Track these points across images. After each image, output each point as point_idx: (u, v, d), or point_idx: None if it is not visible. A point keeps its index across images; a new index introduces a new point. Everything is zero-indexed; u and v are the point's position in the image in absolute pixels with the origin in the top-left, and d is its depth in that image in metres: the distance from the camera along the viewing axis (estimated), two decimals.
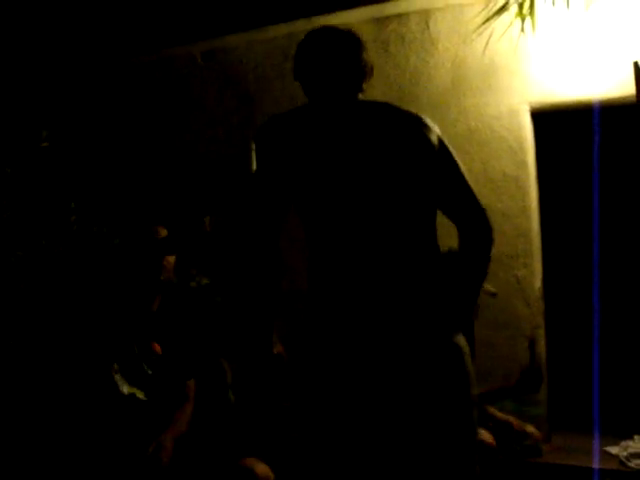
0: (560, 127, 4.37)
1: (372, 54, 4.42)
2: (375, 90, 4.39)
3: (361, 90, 2.14)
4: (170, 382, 2.47)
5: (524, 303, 4.02)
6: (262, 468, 2.59)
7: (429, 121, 2.11)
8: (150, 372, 2.40)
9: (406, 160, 1.96)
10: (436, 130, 2.09)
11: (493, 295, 3.89)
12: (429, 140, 2.02)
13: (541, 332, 4.03)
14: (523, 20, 3.64)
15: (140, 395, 2.30)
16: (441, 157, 2.05)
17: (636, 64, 3.52)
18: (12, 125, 4.18)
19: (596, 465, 3.36)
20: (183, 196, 4.73)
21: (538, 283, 4.07)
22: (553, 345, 4.15)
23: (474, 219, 2.09)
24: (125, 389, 2.26)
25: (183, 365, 2.51)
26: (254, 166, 4.70)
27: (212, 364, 4.30)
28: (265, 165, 2.03)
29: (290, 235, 2.27)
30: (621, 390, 4.19)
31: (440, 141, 2.07)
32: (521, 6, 3.63)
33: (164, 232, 2.57)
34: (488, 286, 3.96)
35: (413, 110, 2.13)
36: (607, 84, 3.93)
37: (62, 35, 4.93)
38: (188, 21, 4.78)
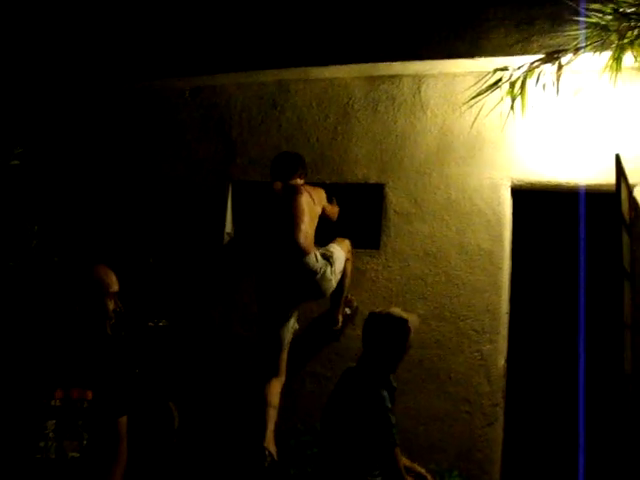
0: (539, 207, 4.39)
1: (361, 112, 4.51)
2: (361, 149, 4.42)
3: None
4: (102, 426, 2.33)
5: (486, 380, 3.96)
6: None
7: None
8: (80, 422, 2.27)
9: None
10: None
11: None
12: None
13: (500, 410, 3.96)
14: (513, 99, 3.67)
15: (73, 454, 2.17)
16: None
17: (618, 157, 3.57)
18: None
19: None
20: (140, 233, 4.61)
21: (502, 360, 4.02)
22: (511, 424, 4.09)
23: None
24: (53, 452, 2.14)
25: (115, 404, 2.37)
26: (229, 215, 4.64)
27: (160, 407, 4.19)
28: None
29: None
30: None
31: None
32: (513, 85, 3.66)
33: (107, 271, 2.44)
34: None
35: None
36: (588, 171, 3.98)
37: (49, 55, 4.84)
38: (180, 55, 4.73)
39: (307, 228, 3.84)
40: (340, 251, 4.02)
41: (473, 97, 3.81)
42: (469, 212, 4.16)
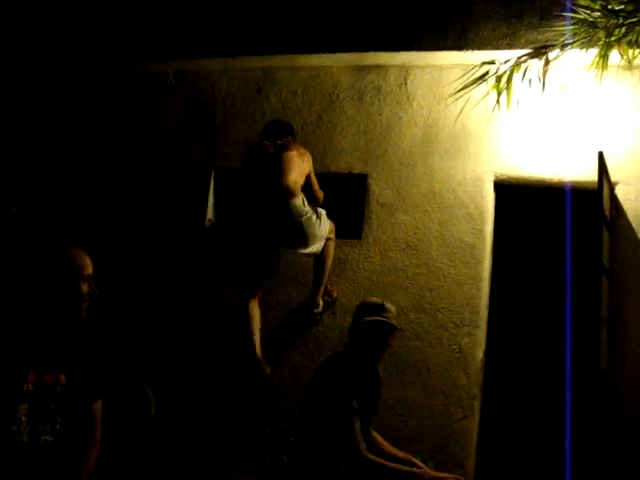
0: (521, 201, 4.40)
1: (346, 101, 4.48)
2: (345, 138, 4.39)
3: None
4: (76, 411, 2.29)
5: (464, 373, 3.98)
6: None
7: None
8: (53, 406, 2.24)
9: None
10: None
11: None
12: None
13: (476, 404, 3.98)
14: (499, 94, 3.66)
15: (46, 437, 2.14)
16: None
17: (601, 154, 3.59)
18: None
19: None
20: (121, 216, 4.56)
21: (480, 354, 4.04)
22: (486, 418, 4.11)
23: None
24: (25, 436, 2.11)
25: (89, 388, 2.34)
26: (211, 201, 4.62)
27: (137, 393, 4.16)
28: None
29: None
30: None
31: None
32: (499, 79, 3.65)
33: (80, 253, 2.40)
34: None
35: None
36: (571, 167, 3.99)
37: (32, 34, 4.75)
38: (165, 38, 4.66)
39: (296, 177, 3.93)
40: (327, 219, 4.10)
41: (459, 90, 3.80)
42: (452, 205, 4.15)
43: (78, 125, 4.93)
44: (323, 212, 4.10)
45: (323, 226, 4.04)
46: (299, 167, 3.96)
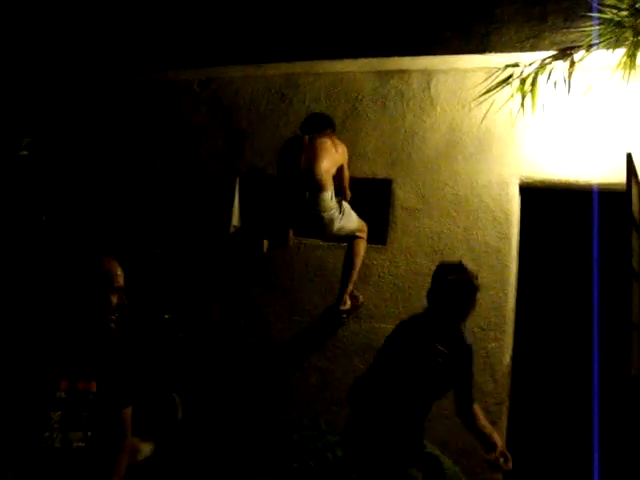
0: (547, 204, 4.36)
1: (369, 106, 4.48)
2: (369, 144, 4.39)
3: None
4: (107, 418, 2.32)
5: (491, 378, 3.95)
6: None
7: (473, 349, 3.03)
8: (85, 414, 2.27)
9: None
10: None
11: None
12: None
13: (504, 409, 3.94)
14: (524, 96, 3.64)
15: (79, 444, 2.17)
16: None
17: (629, 156, 3.53)
18: None
19: None
20: (147, 225, 4.61)
21: (507, 358, 4.00)
22: (514, 424, 4.07)
23: None
24: (58, 442, 2.15)
25: (119, 396, 2.37)
26: (236, 208, 4.65)
27: (163, 397, 4.19)
28: None
29: None
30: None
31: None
32: (523, 82, 3.63)
33: (112, 264, 2.42)
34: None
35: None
36: (598, 169, 3.94)
37: (57, 44, 4.81)
38: (189, 46, 4.70)
39: (328, 166, 4.02)
40: (354, 214, 4.18)
41: (483, 94, 3.79)
42: (477, 209, 4.13)
43: (105, 134, 4.98)
44: (347, 207, 4.15)
45: (346, 221, 4.10)
46: (332, 156, 4.05)
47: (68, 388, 2.23)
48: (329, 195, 3.98)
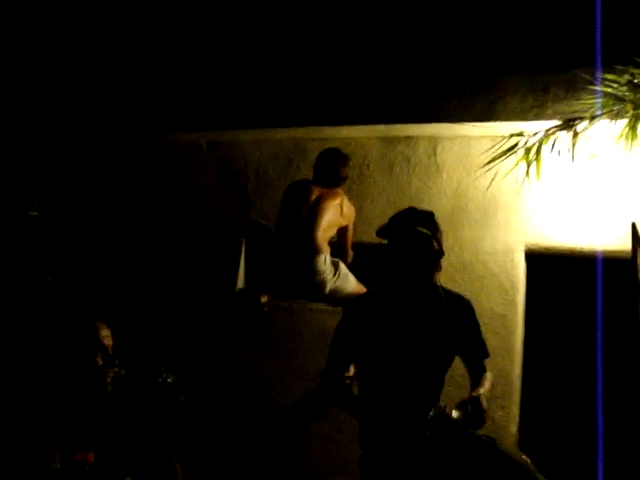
0: (552, 271, 4.35)
1: (376, 172, 4.53)
2: (375, 209, 4.42)
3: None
4: None
5: None
6: None
7: (471, 303, 2.90)
8: None
9: (445, 333, 2.80)
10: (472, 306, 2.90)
11: None
12: (469, 319, 2.88)
13: None
14: (529, 165, 3.67)
15: None
16: (471, 325, 2.91)
17: (634, 225, 3.55)
18: (5, 188, 4.10)
19: None
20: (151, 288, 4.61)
21: (514, 428, 3.93)
22: None
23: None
24: None
25: (118, 466, 2.32)
26: (241, 271, 4.64)
27: (163, 463, 4.10)
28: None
29: None
30: None
31: (473, 315, 2.91)
32: (528, 151, 3.67)
33: (98, 325, 2.41)
34: None
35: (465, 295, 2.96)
36: (603, 236, 3.95)
37: (67, 106, 4.92)
38: (199, 110, 4.80)
39: (328, 229, 4.07)
40: (352, 277, 4.16)
41: (488, 162, 3.82)
42: (482, 275, 4.13)
43: (112, 196, 5.05)
44: (344, 269, 4.14)
45: (341, 283, 4.08)
46: (335, 218, 4.08)
47: (63, 459, 2.18)
48: (322, 258, 3.99)
